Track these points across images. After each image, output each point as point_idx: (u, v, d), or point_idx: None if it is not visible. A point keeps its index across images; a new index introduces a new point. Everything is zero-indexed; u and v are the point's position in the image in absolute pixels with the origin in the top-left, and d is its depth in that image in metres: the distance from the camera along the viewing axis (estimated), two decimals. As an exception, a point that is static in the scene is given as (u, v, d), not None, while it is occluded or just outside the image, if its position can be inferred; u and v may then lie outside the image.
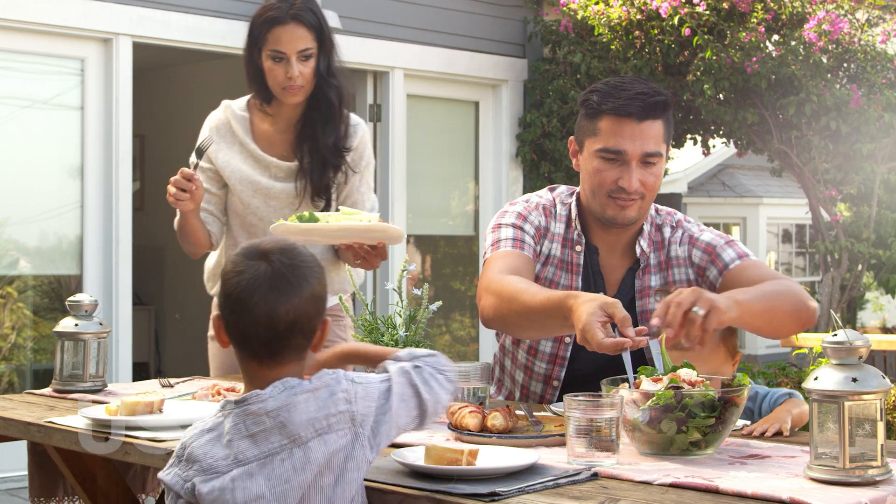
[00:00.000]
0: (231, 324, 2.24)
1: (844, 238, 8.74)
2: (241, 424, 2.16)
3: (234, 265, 2.23)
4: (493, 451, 2.41)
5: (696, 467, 2.34)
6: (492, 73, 9.39)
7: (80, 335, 3.40)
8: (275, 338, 2.20)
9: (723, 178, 14.81)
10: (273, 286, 2.20)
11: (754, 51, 8.32)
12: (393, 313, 2.92)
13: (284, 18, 3.71)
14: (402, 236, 3.68)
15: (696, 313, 2.58)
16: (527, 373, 3.35)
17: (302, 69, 3.73)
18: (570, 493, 2.16)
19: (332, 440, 2.15)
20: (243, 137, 3.89)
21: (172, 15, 7.66)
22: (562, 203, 3.33)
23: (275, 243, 2.26)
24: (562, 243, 3.28)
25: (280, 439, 2.15)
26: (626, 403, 2.45)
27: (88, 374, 3.41)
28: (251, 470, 2.14)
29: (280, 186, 3.86)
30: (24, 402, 3.31)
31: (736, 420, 2.48)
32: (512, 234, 3.24)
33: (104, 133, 7.43)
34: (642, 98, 3.10)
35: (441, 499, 2.13)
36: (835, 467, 2.19)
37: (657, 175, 3.16)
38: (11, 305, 7.42)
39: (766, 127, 8.71)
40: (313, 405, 2.16)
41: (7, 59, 7.18)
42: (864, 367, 2.21)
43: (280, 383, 2.19)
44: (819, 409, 2.21)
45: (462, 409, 2.67)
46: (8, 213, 7.27)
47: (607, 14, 8.84)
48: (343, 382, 2.20)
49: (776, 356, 12.05)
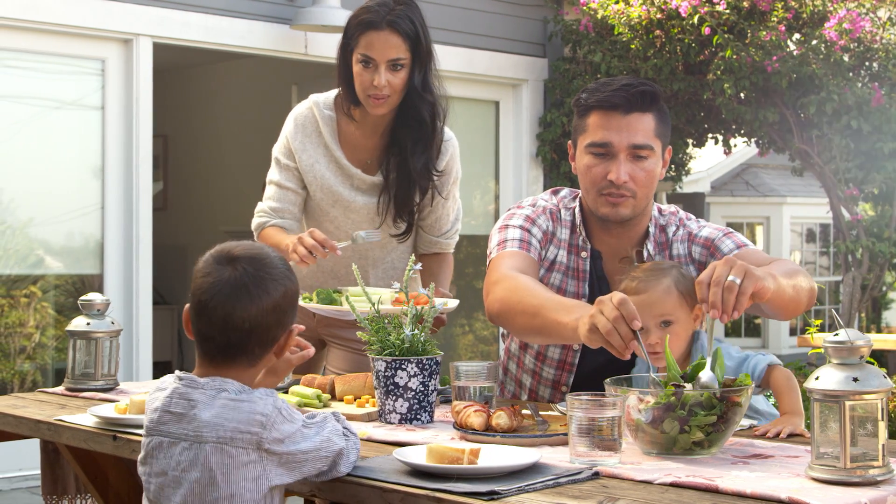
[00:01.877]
0: (193, 321, 2.33)
1: (866, 237, 8.70)
2: (171, 399, 2.27)
3: (203, 266, 2.31)
4: (496, 450, 2.42)
5: (699, 467, 2.34)
6: (512, 73, 9.38)
7: (92, 334, 3.42)
8: (229, 344, 2.28)
9: (746, 177, 14.76)
10: (233, 293, 2.26)
11: (775, 49, 8.29)
12: (400, 313, 2.93)
13: (380, 24, 3.52)
14: (446, 307, 3.37)
15: (732, 282, 2.54)
16: (535, 378, 3.36)
17: (391, 79, 3.53)
18: (569, 492, 2.16)
19: (229, 453, 2.20)
20: (329, 141, 3.71)
21: (192, 15, 7.69)
22: (566, 208, 3.32)
23: (246, 250, 2.32)
24: (567, 249, 3.27)
25: (188, 429, 2.24)
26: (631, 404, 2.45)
27: (100, 372, 3.43)
28: (163, 444, 2.26)
29: (362, 201, 3.71)
30: (36, 400, 3.33)
31: (739, 420, 2.47)
32: (519, 236, 3.23)
33: (125, 133, 7.46)
34: (626, 89, 3.10)
35: (441, 497, 2.14)
36: (836, 467, 2.18)
37: (648, 171, 3.14)
38: (35, 305, 7.47)
39: (787, 126, 8.68)
40: (228, 413, 2.22)
41: (29, 59, 7.22)
42: (866, 366, 2.21)
43: (219, 380, 2.26)
44: (821, 408, 2.21)
45: (467, 409, 2.68)
46: (32, 213, 7.32)
47: (627, 13, 8.82)
48: (268, 407, 2.22)
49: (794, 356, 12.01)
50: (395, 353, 2.84)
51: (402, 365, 2.82)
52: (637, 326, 2.53)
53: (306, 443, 2.26)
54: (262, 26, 7.93)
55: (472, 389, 2.91)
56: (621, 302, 2.55)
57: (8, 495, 6.92)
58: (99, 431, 2.82)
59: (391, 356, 2.84)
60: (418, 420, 2.85)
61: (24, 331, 7.42)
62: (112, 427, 2.82)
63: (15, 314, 7.37)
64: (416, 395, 2.84)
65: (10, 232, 7.25)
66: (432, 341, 2.89)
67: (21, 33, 7.08)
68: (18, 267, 7.34)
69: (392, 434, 2.71)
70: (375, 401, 2.94)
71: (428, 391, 2.85)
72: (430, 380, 2.85)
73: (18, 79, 7.23)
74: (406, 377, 2.83)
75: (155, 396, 2.34)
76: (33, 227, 7.35)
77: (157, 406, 2.30)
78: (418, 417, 2.85)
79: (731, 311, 2.54)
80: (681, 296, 2.93)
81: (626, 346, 2.53)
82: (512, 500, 2.11)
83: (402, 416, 2.84)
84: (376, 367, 2.86)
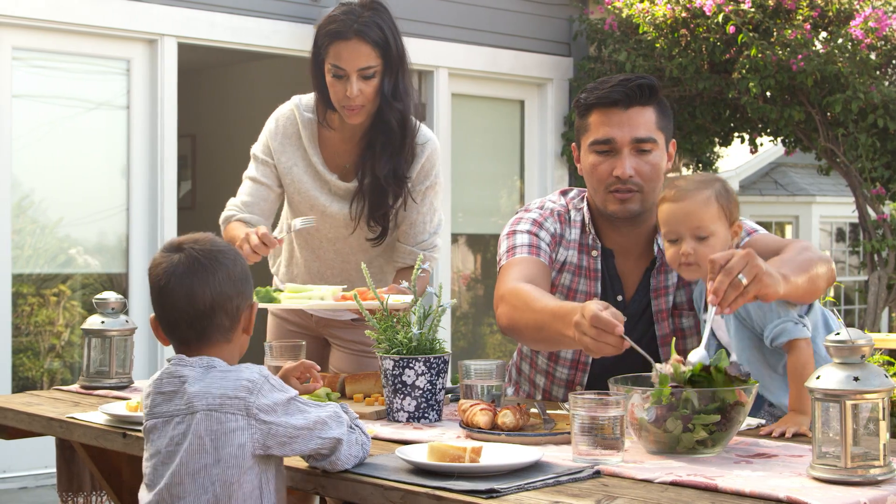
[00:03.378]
0: (159, 315, 2.41)
1: (892, 237, 8.65)
2: (161, 380, 2.35)
3: (153, 261, 2.42)
4: (499, 448, 2.42)
5: (701, 466, 2.34)
6: (537, 72, 9.38)
7: (106, 332, 3.45)
8: (197, 318, 2.36)
9: (775, 176, 14.68)
10: (188, 270, 2.36)
11: (800, 48, 8.25)
12: (409, 311, 2.93)
13: (347, 33, 3.45)
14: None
15: (739, 281, 2.56)
16: (548, 378, 3.36)
17: (363, 87, 3.47)
18: (569, 490, 2.17)
19: (218, 419, 2.27)
20: (308, 145, 3.66)
21: (217, 16, 7.73)
22: (575, 208, 3.32)
23: (190, 236, 2.45)
24: (578, 249, 3.27)
25: (179, 405, 2.31)
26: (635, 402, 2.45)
27: (114, 370, 3.46)
28: (158, 425, 2.34)
29: (337, 207, 3.65)
30: (50, 397, 3.36)
31: (743, 419, 2.47)
32: (527, 241, 3.24)
33: (150, 133, 7.51)
34: (624, 84, 3.11)
35: (441, 495, 2.15)
36: (837, 467, 2.18)
37: (653, 163, 3.14)
38: (64, 303, 7.53)
39: (813, 125, 8.64)
40: (216, 383, 2.29)
41: (55, 59, 7.28)
42: (867, 365, 2.20)
43: (206, 358, 2.35)
44: (822, 408, 2.20)
45: (473, 407, 2.68)
46: (61, 213, 7.38)
47: (652, 12, 8.81)
48: (255, 375, 2.30)
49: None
50: (403, 352, 2.85)
51: (409, 363, 2.83)
52: (620, 332, 2.55)
53: (297, 417, 2.30)
54: (287, 26, 7.96)
55: (479, 388, 2.91)
56: (593, 318, 2.58)
57: (33, 492, 6.97)
58: (109, 429, 2.84)
59: (399, 354, 2.85)
60: (426, 418, 2.86)
61: (53, 329, 7.48)
62: (122, 424, 2.84)
63: (44, 313, 7.43)
64: (424, 393, 2.85)
65: (39, 231, 7.32)
66: (440, 340, 2.90)
67: (47, 34, 7.14)
68: (48, 266, 7.40)
69: (399, 432, 2.72)
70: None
71: (436, 390, 2.86)
72: (437, 378, 2.86)
73: (45, 79, 7.30)
74: (414, 375, 2.84)
75: (148, 384, 2.41)
76: (62, 227, 7.41)
77: (148, 391, 2.38)
78: (426, 416, 2.86)
79: (727, 306, 2.57)
80: (721, 210, 2.88)
81: (620, 349, 2.57)
82: (511, 499, 2.11)
83: (410, 414, 2.85)
84: (384, 366, 2.87)
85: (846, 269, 15.12)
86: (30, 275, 7.33)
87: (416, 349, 2.86)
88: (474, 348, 9.62)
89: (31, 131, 7.20)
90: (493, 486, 2.15)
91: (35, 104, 7.23)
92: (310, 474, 2.39)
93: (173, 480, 2.29)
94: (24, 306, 7.30)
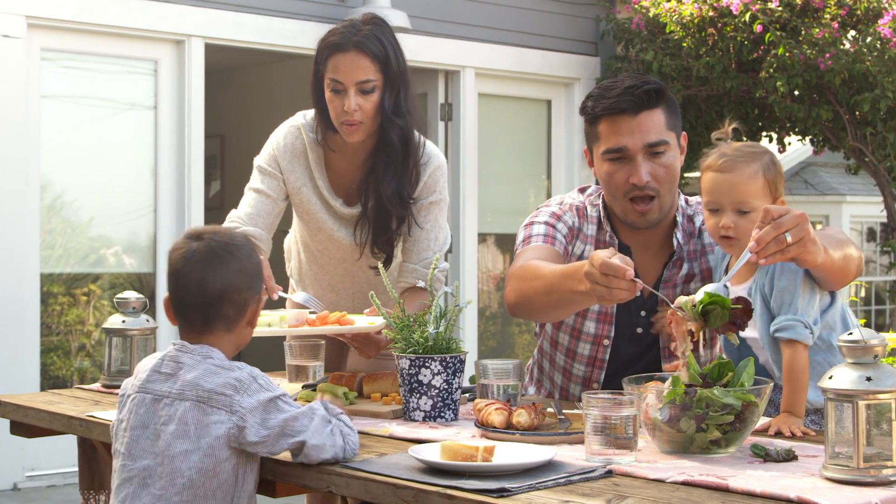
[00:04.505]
0: (172, 296, 2.56)
1: (921, 237, 8.61)
2: (163, 361, 2.50)
3: (174, 245, 2.57)
4: (512, 448, 2.42)
5: (714, 466, 2.33)
6: (564, 72, 9.37)
7: (127, 331, 3.48)
8: (205, 304, 2.51)
9: (805, 175, 14.60)
10: (204, 259, 2.51)
11: (828, 47, 8.21)
12: (426, 311, 2.94)
13: (346, 45, 3.37)
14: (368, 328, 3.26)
15: (784, 238, 2.55)
16: (566, 375, 3.36)
17: (361, 102, 3.38)
18: (580, 489, 2.17)
19: (204, 410, 2.40)
20: (314, 167, 3.58)
21: (244, 16, 7.76)
22: (591, 205, 3.33)
23: (211, 227, 2.60)
24: (594, 245, 3.28)
25: (172, 388, 2.44)
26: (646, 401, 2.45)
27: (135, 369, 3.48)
28: (146, 400, 2.47)
29: (343, 233, 3.60)
30: (72, 396, 3.39)
31: (757, 420, 2.46)
32: (543, 231, 3.25)
33: (177, 134, 7.55)
34: (631, 91, 3.09)
35: (452, 494, 2.15)
36: (849, 467, 2.17)
37: (668, 165, 3.14)
38: (95, 303, 7.58)
39: (841, 124, 8.60)
40: (210, 377, 2.42)
41: (84, 60, 7.33)
42: (880, 365, 2.19)
43: (207, 348, 2.49)
44: (834, 408, 2.20)
45: (488, 407, 2.69)
46: (92, 213, 7.43)
47: (679, 11, 8.78)
48: (244, 375, 2.42)
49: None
50: (419, 351, 2.86)
51: (425, 363, 2.84)
52: (630, 275, 2.57)
53: (274, 416, 2.40)
54: (313, 27, 7.98)
55: (495, 387, 2.92)
56: (603, 265, 2.59)
57: (61, 490, 7.03)
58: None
59: (415, 354, 2.86)
60: (442, 418, 2.87)
61: (83, 328, 7.53)
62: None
63: (74, 312, 7.49)
64: (440, 392, 2.85)
65: (70, 231, 7.38)
66: (457, 339, 2.90)
67: (75, 35, 7.19)
68: (79, 265, 7.46)
69: (414, 431, 2.73)
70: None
71: (452, 389, 2.87)
72: (453, 378, 2.87)
73: (74, 80, 7.35)
74: (430, 375, 2.84)
75: (149, 359, 2.55)
76: (93, 227, 7.46)
77: (149, 366, 2.51)
78: (442, 415, 2.87)
79: (764, 257, 2.57)
80: (766, 185, 2.83)
81: (633, 292, 2.60)
82: (521, 498, 2.11)
83: (426, 413, 2.86)
84: (400, 365, 2.88)
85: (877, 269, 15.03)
86: (60, 274, 7.38)
87: (433, 348, 2.86)
88: (503, 348, 9.62)
89: (60, 132, 7.25)
90: (504, 486, 2.15)
91: (63, 105, 7.28)
92: (323, 473, 2.40)
93: (155, 460, 2.42)
94: (54, 305, 7.36)
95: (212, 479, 2.40)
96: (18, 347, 6.98)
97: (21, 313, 6.97)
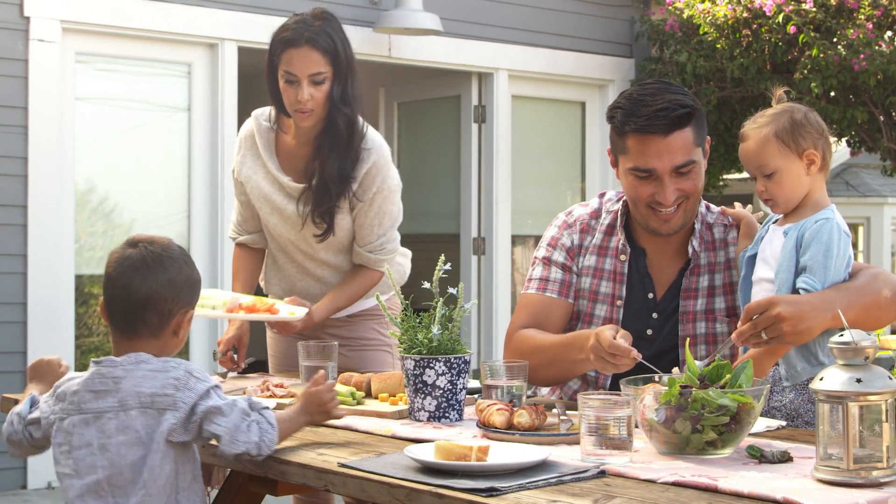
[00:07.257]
0: (104, 299, 2.64)
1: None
2: (91, 380, 2.55)
3: (113, 251, 2.66)
4: (507, 448, 2.44)
5: (708, 467, 2.34)
6: (598, 74, 9.36)
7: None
8: (129, 310, 2.59)
9: (846, 177, 14.50)
10: (133, 266, 2.60)
11: (862, 48, 8.16)
12: (429, 312, 2.97)
13: (299, 41, 3.65)
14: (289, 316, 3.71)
15: (761, 335, 2.77)
16: (581, 377, 3.36)
17: (313, 92, 3.67)
18: (569, 489, 2.18)
19: (151, 415, 2.49)
20: (264, 153, 3.88)
21: (277, 20, 7.66)
22: (607, 211, 3.34)
23: (149, 236, 2.67)
24: (600, 253, 3.30)
25: (113, 401, 2.51)
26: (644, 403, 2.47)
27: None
28: (87, 420, 2.52)
29: (292, 208, 3.84)
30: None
31: (753, 421, 2.47)
32: (539, 274, 3.35)
33: (210, 137, 7.61)
34: (664, 115, 3.04)
35: (443, 493, 2.17)
36: (840, 468, 2.18)
37: (695, 179, 3.13)
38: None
39: (876, 125, 8.54)
40: (147, 382, 2.51)
41: (119, 63, 7.40)
42: (871, 367, 2.20)
43: (134, 355, 2.56)
44: (825, 409, 2.20)
45: (490, 407, 2.71)
46: (134, 215, 7.51)
47: (713, 12, 8.76)
48: (181, 373, 2.52)
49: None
50: (424, 352, 2.89)
51: (430, 363, 2.87)
52: (637, 357, 2.81)
53: (203, 404, 2.50)
54: (346, 30, 8.00)
55: (500, 388, 2.94)
56: (612, 347, 2.83)
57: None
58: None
59: (420, 354, 2.88)
60: (447, 418, 2.89)
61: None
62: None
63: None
64: (445, 393, 2.88)
65: (112, 232, 7.46)
66: (461, 340, 2.93)
67: (110, 38, 7.26)
68: (118, 268, 7.52)
69: (417, 431, 2.75)
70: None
71: (456, 389, 2.89)
72: (458, 378, 2.89)
73: (108, 83, 7.42)
74: (434, 375, 2.87)
75: (70, 382, 2.58)
76: (135, 229, 7.53)
77: (75, 389, 2.55)
78: (447, 415, 2.89)
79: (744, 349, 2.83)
80: (782, 144, 2.94)
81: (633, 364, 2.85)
82: (510, 497, 2.13)
83: (431, 413, 2.89)
84: (405, 366, 2.91)
85: (919, 271, 14.88)
86: (100, 276, 7.46)
87: (437, 349, 2.89)
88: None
89: (94, 134, 7.33)
90: (494, 485, 2.17)
91: (98, 108, 7.36)
92: (321, 472, 2.43)
93: (112, 472, 2.49)
94: (95, 306, 7.44)
95: (160, 474, 2.49)
96: (54, 349, 7.05)
97: (56, 315, 7.05)
